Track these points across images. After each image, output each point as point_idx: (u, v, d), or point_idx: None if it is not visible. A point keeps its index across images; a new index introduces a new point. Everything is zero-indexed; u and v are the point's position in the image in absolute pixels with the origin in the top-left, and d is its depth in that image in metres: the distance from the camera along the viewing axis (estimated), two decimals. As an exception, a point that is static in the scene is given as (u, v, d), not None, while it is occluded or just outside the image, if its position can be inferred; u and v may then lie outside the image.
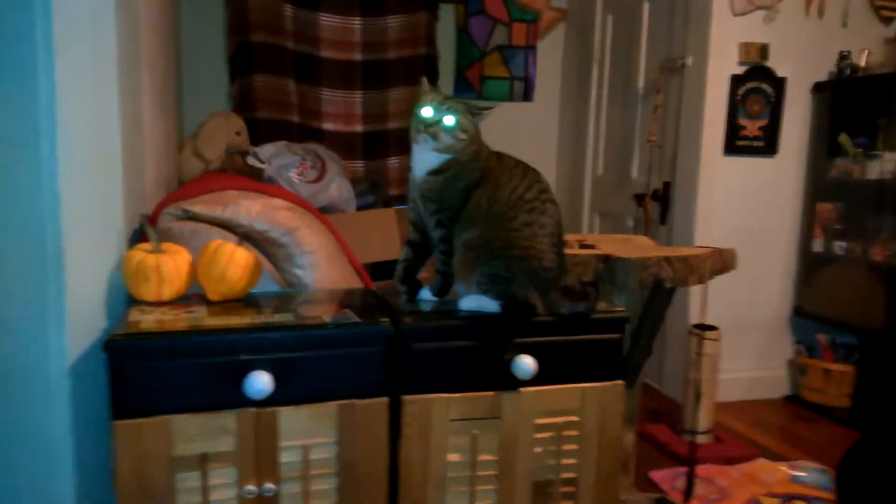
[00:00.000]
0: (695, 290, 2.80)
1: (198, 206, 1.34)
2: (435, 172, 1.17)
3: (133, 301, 1.17)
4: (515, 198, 1.16)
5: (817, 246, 2.93)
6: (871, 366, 2.72)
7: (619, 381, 1.23)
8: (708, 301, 2.82)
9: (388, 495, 1.11)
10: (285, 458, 1.04)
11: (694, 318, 2.72)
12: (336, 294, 1.35)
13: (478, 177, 1.17)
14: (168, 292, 1.15)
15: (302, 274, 1.40)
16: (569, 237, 1.91)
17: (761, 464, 2.24)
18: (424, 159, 1.17)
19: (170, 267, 1.13)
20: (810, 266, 2.96)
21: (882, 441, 1.55)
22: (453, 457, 1.15)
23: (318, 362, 1.05)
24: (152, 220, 1.37)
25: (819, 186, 2.94)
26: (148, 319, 1.05)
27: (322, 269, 1.43)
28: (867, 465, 1.53)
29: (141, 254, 1.13)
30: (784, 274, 3.00)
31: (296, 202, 1.52)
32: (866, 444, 1.57)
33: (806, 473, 2.17)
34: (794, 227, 3.00)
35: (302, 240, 1.40)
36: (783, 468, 2.20)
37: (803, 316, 2.95)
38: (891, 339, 2.56)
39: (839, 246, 2.85)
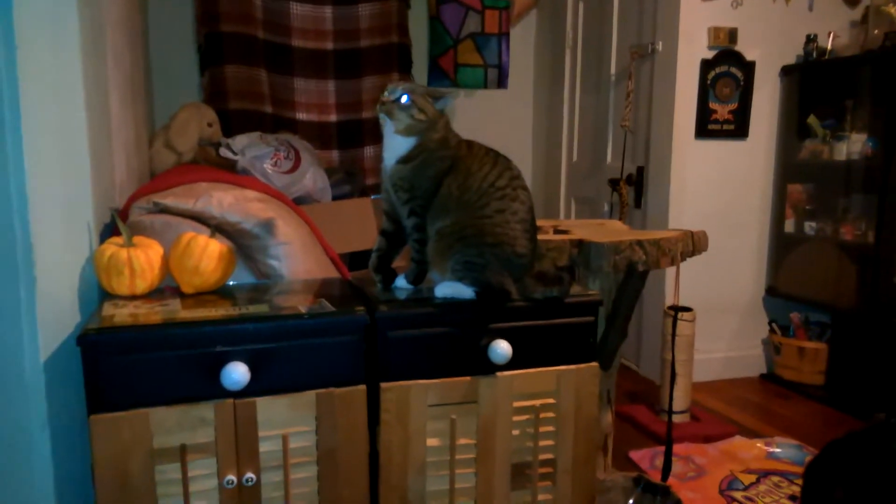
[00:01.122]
0: (670, 273, 2.84)
1: (169, 199, 1.33)
2: (404, 161, 1.17)
3: (106, 295, 1.16)
4: (487, 185, 1.17)
5: (789, 226, 2.98)
6: (843, 343, 2.78)
7: (594, 364, 1.25)
8: (683, 283, 2.87)
9: (368, 481, 1.12)
10: (265, 447, 1.04)
11: (669, 300, 2.76)
12: (311, 284, 1.35)
13: (448, 164, 1.17)
14: (141, 286, 1.14)
15: (276, 265, 1.40)
16: (543, 223, 1.93)
17: (738, 441, 2.29)
18: (393, 147, 1.18)
19: (142, 260, 1.13)
20: (782, 246, 3.01)
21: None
22: (432, 442, 1.16)
23: (295, 352, 1.06)
24: (123, 213, 1.36)
25: (789, 168, 2.99)
26: (122, 313, 1.04)
27: (297, 260, 1.43)
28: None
29: (113, 248, 1.12)
30: (757, 255, 3.05)
31: (269, 193, 1.51)
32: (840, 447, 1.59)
33: (781, 449, 2.22)
34: (766, 208, 3.05)
35: (276, 231, 1.39)
36: (759, 445, 2.25)
37: (776, 296, 3.01)
38: (862, 316, 2.62)
39: (810, 226, 2.90)
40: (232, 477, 1.02)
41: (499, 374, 1.18)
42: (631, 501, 1.47)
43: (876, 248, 2.53)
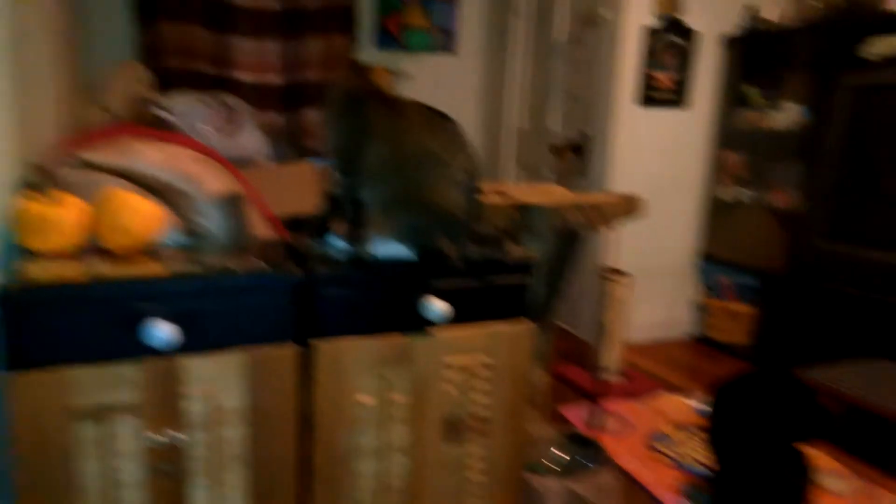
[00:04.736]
0: (607, 237, 2.91)
1: (95, 155, 1.29)
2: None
3: (27, 253, 1.12)
4: (424, 146, 1.17)
5: (723, 193, 3.08)
6: (770, 305, 2.89)
7: (529, 322, 1.28)
8: (620, 247, 2.94)
9: (301, 441, 1.13)
10: (193, 407, 1.04)
11: (607, 264, 2.82)
12: (245, 243, 1.34)
13: (379, 124, 1.17)
14: (64, 243, 1.11)
15: (208, 224, 1.38)
16: (486, 186, 1.94)
17: (666, 398, 2.39)
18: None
19: (65, 217, 1.10)
20: (717, 213, 3.10)
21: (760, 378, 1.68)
22: (366, 399, 1.17)
23: (225, 311, 1.05)
24: (47, 169, 1.31)
25: (726, 136, 3.07)
26: (44, 271, 1.02)
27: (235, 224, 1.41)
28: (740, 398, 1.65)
29: (34, 204, 1.09)
30: (692, 220, 3.14)
31: (203, 152, 1.48)
32: (744, 379, 1.69)
33: (706, 405, 2.31)
34: (703, 175, 3.13)
35: (208, 189, 1.37)
36: (686, 401, 2.35)
37: (709, 260, 3.11)
38: (788, 279, 2.73)
39: (744, 193, 3.00)
40: (159, 437, 1.02)
41: (434, 332, 1.20)
42: (559, 453, 1.52)
43: (803, 214, 2.63)
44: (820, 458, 1.95)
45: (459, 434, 1.26)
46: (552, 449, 1.53)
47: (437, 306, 1.17)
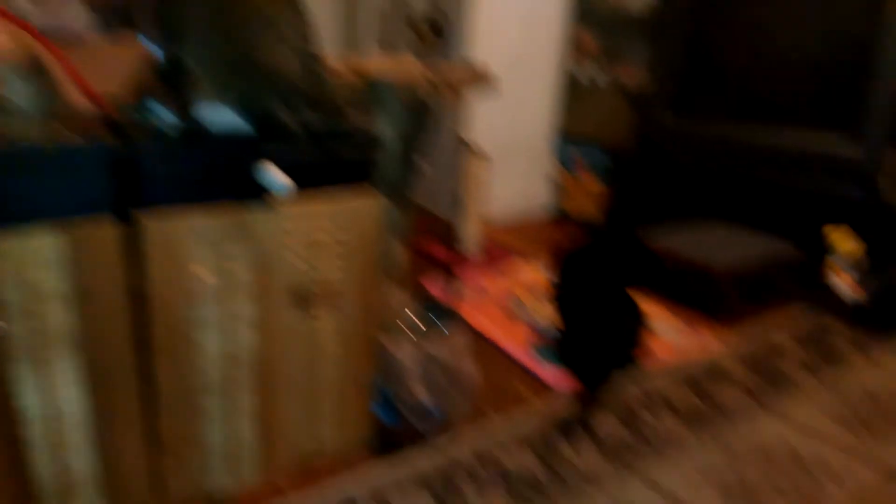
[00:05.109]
0: (464, 113, 2.92)
1: None
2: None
3: None
4: (252, 8, 1.09)
5: (579, 72, 3.15)
6: (621, 181, 3.06)
7: (377, 194, 1.27)
8: (478, 125, 2.97)
9: (135, 323, 1.09)
10: (9, 294, 0.97)
11: (464, 140, 2.84)
12: (63, 118, 1.22)
13: None
14: None
15: (19, 100, 1.24)
16: (336, 59, 1.86)
17: (522, 266, 2.52)
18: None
19: None
20: (572, 90, 3.18)
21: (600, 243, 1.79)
22: (202, 273, 1.14)
23: (32, 187, 0.96)
24: None
25: (581, 14, 3.10)
26: None
27: (44, 95, 1.27)
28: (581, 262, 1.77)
29: None
30: (549, 98, 3.20)
31: (15, 23, 1.31)
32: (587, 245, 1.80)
33: (550, 266, 2.46)
34: (557, 53, 3.17)
35: (20, 63, 1.22)
36: (538, 265, 2.49)
37: (565, 137, 3.22)
38: (637, 155, 2.88)
39: (598, 71, 3.08)
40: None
41: (276, 206, 1.17)
42: (415, 320, 1.58)
43: (650, 92, 2.75)
44: (653, 308, 2.15)
45: (310, 307, 1.26)
46: (409, 316, 1.57)
47: (278, 179, 1.14)
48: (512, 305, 2.18)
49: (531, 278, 2.38)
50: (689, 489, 1.34)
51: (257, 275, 1.18)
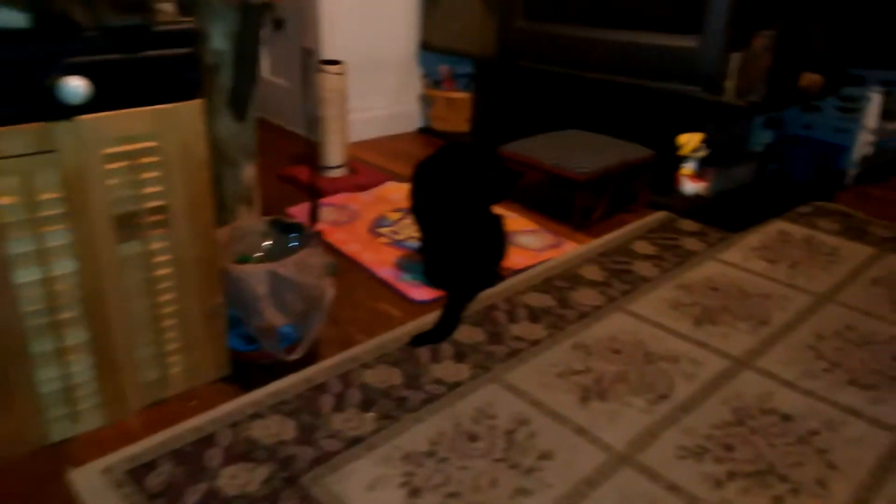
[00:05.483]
0: (322, 26, 2.76)
1: None
2: None
3: None
4: None
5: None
6: (484, 90, 3.03)
7: (197, 101, 1.16)
8: (336, 39, 2.82)
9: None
10: None
11: (321, 55, 2.70)
12: None
13: None
14: None
15: None
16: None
17: (390, 186, 2.46)
18: None
19: None
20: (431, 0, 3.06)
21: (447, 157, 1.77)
22: (4, 200, 1.01)
23: None
24: None
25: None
26: None
27: None
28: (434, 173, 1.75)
29: None
30: (408, 10, 3.07)
31: None
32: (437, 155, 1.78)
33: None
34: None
35: None
36: (408, 186, 2.43)
37: (429, 49, 3.12)
38: (496, 62, 2.84)
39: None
40: None
41: (78, 118, 1.04)
42: (267, 243, 1.50)
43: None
44: (516, 220, 2.17)
45: (135, 229, 1.15)
46: (258, 237, 1.49)
47: (75, 86, 1.00)
48: (379, 225, 2.13)
49: (399, 197, 2.33)
50: (546, 390, 1.38)
51: (69, 197, 1.06)
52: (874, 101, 2.45)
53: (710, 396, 1.38)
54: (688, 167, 2.27)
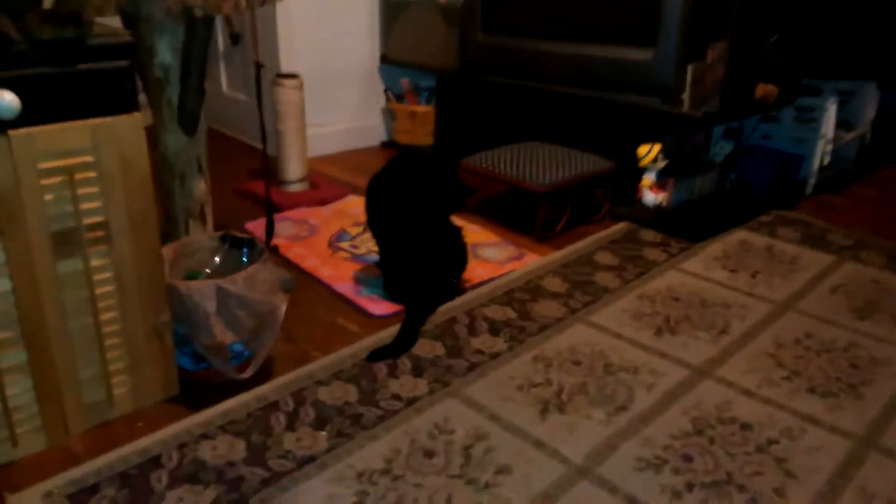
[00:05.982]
0: (280, 40, 2.74)
1: None
2: None
3: None
4: None
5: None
6: (446, 104, 3.02)
7: (136, 114, 1.13)
8: (295, 54, 2.79)
9: None
10: None
11: (278, 69, 2.67)
12: None
13: None
14: None
15: None
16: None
17: (351, 199, 2.43)
18: None
19: None
20: (392, 14, 3.05)
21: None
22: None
23: None
24: None
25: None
26: None
27: None
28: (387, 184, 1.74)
29: None
30: (369, 23, 3.06)
31: None
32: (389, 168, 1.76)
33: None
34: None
35: None
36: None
37: (390, 63, 3.11)
38: (458, 76, 2.84)
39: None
40: None
41: (10, 132, 1.00)
42: (217, 259, 1.46)
43: (464, 9, 2.69)
44: (478, 232, 2.16)
45: (74, 246, 1.11)
46: (208, 253, 1.45)
47: (6, 100, 0.97)
48: (338, 240, 2.10)
49: (360, 210, 2.30)
50: (505, 404, 1.36)
51: (2, 213, 1.02)
52: (830, 111, 2.49)
53: (669, 407, 1.37)
54: (648, 178, 2.28)
